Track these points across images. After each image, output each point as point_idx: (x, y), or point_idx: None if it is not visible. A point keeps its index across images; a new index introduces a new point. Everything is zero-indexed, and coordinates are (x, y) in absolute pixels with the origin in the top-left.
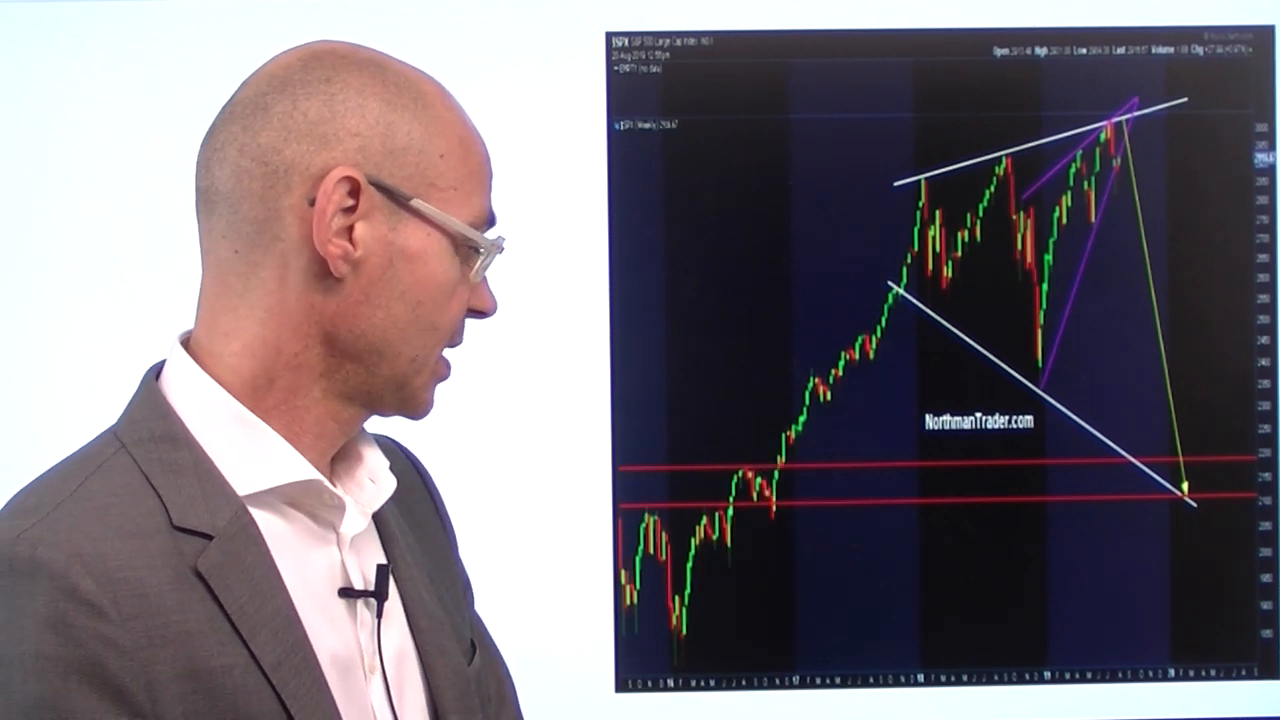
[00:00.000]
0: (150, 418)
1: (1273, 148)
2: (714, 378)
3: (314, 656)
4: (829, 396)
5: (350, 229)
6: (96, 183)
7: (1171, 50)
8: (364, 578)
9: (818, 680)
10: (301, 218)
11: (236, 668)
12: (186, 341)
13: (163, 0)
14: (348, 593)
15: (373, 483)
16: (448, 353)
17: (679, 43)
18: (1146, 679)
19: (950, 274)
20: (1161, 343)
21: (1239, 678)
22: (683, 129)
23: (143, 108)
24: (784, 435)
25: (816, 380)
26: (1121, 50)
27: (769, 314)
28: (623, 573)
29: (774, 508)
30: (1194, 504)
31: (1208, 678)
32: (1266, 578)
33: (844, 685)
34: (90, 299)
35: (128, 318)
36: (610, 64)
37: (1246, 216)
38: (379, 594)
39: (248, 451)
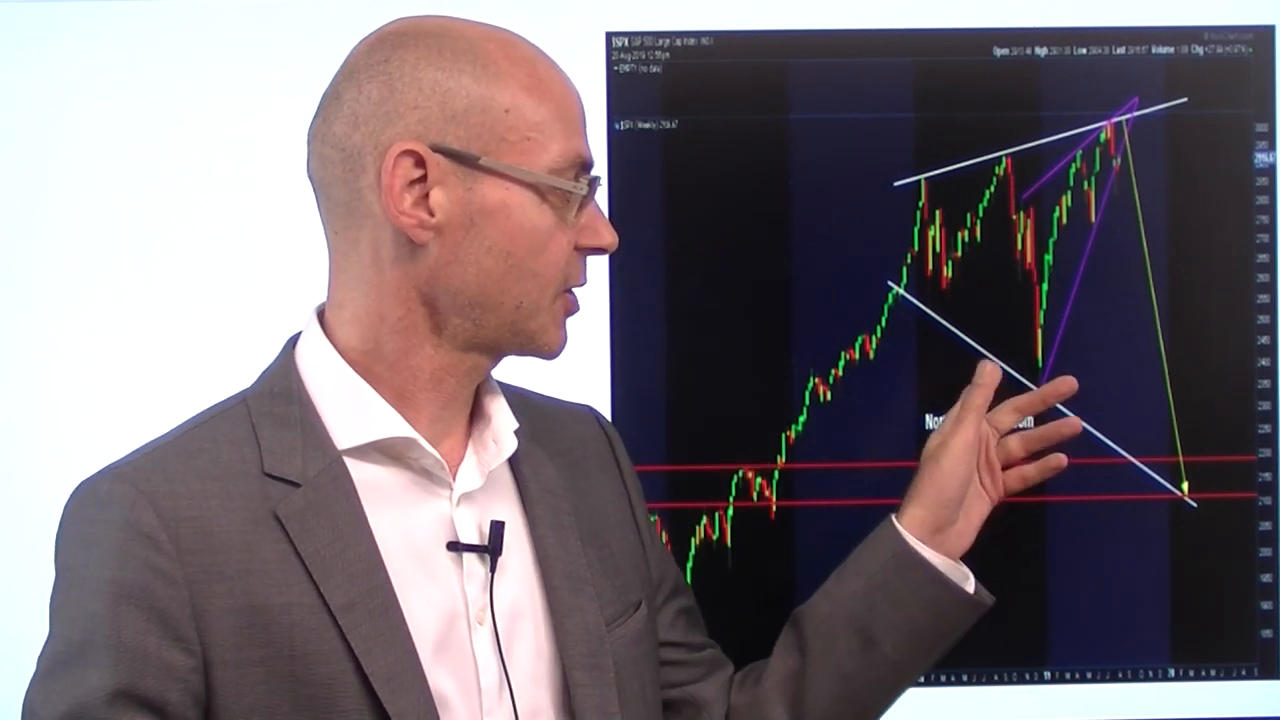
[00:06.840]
0: (276, 376)
1: (1273, 148)
2: (714, 378)
3: (395, 603)
4: (829, 396)
5: (427, 196)
6: (96, 182)
7: (1171, 50)
8: (480, 532)
9: None
10: (378, 195)
11: (297, 606)
12: (322, 312)
13: (163, 0)
14: (455, 546)
15: (496, 444)
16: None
17: (679, 43)
18: (1146, 679)
19: (950, 274)
20: (1161, 343)
21: (1239, 678)
22: (683, 129)
23: (143, 108)
24: (784, 435)
25: (816, 380)
26: (1121, 50)
27: (769, 314)
28: None
29: (774, 508)
30: (1194, 504)
31: (1208, 678)
32: (1266, 578)
33: None
34: (90, 298)
35: (128, 317)
36: (610, 64)
37: (1246, 216)
38: (492, 549)
39: (352, 410)
